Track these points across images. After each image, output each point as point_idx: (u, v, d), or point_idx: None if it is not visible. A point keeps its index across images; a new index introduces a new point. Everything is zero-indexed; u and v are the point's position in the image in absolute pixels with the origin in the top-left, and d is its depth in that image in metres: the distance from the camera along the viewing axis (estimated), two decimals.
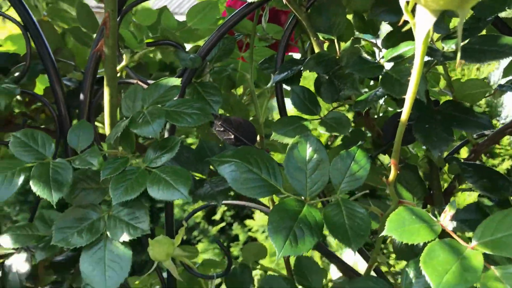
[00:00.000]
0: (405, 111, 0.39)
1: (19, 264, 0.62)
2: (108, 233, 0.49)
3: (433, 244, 0.40)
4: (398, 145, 0.41)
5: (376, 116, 0.66)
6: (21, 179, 0.48)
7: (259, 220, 2.65)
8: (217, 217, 2.75)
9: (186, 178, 0.47)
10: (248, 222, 2.65)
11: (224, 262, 0.76)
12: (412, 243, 0.40)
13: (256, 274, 0.84)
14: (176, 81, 0.53)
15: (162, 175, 0.47)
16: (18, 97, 0.80)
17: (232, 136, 0.64)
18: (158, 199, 0.46)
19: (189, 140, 2.10)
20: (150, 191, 0.46)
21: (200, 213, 2.66)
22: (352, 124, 0.61)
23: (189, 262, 0.67)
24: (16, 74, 0.68)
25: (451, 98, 0.57)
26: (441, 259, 0.38)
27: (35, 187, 0.47)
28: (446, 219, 0.43)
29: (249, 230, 2.64)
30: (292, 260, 0.71)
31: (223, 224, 2.72)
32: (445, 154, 0.62)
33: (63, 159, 0.50)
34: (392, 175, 0.44)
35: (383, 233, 0.41)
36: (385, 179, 0.45)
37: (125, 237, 0.49)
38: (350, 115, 0.77)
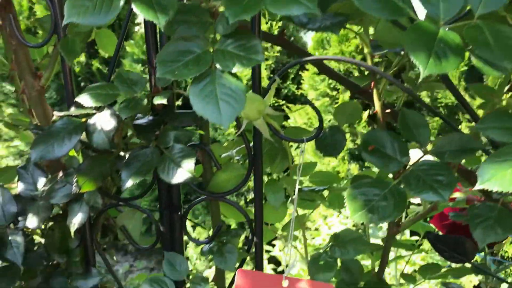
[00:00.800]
0: None
1: (104, 121, 0.58)
2: (217, 65, 0.45)
3: None
4: None
5: None
6: (121, 1, 0.43)
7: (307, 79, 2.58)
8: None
9: None
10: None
11: (308, 132, 0.72)
12: None
13: None
14: None
15: None
16: None
17: None
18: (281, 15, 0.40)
19: None
20: (270, 7, 0.41)
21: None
22: None
23: (276, 125, 0.63)
24: None
25: None
26: None
27: (138, 9, 0.42)
28: None
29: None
30: None
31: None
32: None
33: None
34: None
35: None
36: None
37: (238, 68, 0.44)
38: None
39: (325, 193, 0.81)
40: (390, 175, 0.60)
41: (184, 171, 0.56)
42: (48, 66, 0.71)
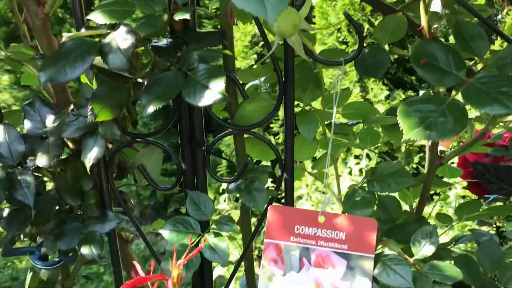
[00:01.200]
0: None
1: (121, 39, 0.51)
2: None
3: None
4: None
5: None
6: None
7: None
8: None
9: None
10: None
11: (345, 55, 0.65)
12: None
13: None
14: None
15: None
16: None
17: None
18: None
19: None
20: None
21: None
22: None
23: (311, 46, 0.57)
24: None
25: None
26: None
27: None
28: None
29: None
30: None
31: None
32: None
33: None
34: None
35: None
36: None
37: None
38: None
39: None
40: None
41: (213, 92, 0.50)
42: None
